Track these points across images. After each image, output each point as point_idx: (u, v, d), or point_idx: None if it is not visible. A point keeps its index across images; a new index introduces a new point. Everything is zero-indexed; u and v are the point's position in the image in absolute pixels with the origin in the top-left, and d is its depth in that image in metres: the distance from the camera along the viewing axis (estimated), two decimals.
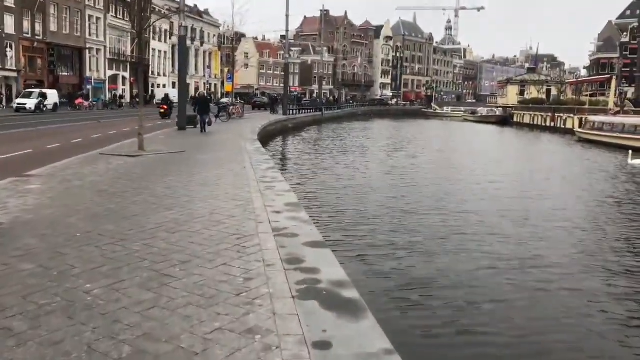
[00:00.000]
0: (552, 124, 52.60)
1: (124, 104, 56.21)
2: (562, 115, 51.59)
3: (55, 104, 41.41)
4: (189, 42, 77.04)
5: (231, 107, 34.48)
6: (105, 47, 58.48)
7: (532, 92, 70.57)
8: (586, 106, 50.21)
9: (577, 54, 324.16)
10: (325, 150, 26.94)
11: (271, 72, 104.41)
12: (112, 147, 15.13)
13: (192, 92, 79.09)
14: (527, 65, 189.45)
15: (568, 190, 17.05)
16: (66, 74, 51.65)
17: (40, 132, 21.83)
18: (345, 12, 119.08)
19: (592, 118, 40.66)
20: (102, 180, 9.18)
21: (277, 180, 9.31)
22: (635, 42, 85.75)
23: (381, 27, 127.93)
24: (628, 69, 77.70)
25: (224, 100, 35.16)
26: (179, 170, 10.53)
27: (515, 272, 8.23)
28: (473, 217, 12.00)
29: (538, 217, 12.28)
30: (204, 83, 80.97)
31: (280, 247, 4.92)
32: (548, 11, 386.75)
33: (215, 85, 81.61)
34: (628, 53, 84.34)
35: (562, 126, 50.03)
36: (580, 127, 42.15)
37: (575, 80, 69.32)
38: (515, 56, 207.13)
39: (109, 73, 59.49)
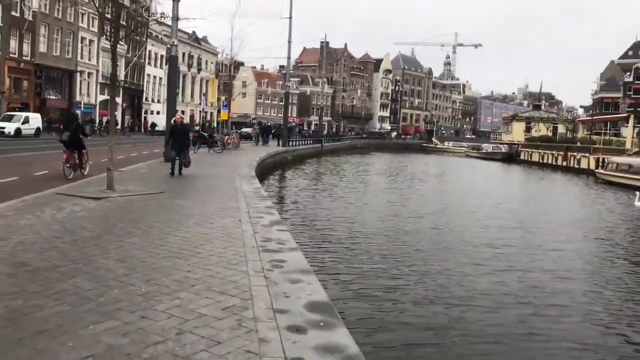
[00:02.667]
0: (565, 163, 50.02)
1: (118, 131, 53.53)
2: (575, 154, 49.06)
3: (38, 129, 38.69)
4: (185, 69, 75.11)
5: (226, 137, 31.82)
6: (97, 70, 56.12)
7: (541, 130, 68.24)
8: (603, 145, 47.73)
9: (572, 92, 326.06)
10: (334, 192, 23.85)
11: (269, 101, 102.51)
12: (77, 183, 12.30)
13: (187, 120, 76.99)
14: (525, 102, 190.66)
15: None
16: (54, 97, 49.05)
17: (6, 160, 18.99)
18: (345, 44, 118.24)
19: (615, 159, 38.04)
20: (33, 242, 6.31)
21: (287, 248, 6.47)
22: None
23: (381, 60, 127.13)
24: (632, 109, 76.33)
25: (216, 135, 31.78)
26: (148, 225, 7.67)
27: None
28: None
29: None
30: (200, 111, 78.59)
31: None
32: (543, 51, 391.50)
33: (211, 113, 79.25)
34: (632, 93, 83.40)
35: (576, 166, 47.36)
36: (601, 167, 39.52)
37: (589, 118, 66.80)
38: (513, 93, 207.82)
39: (100, 97, 56.95)
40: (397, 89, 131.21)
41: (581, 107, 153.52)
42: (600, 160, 42.86)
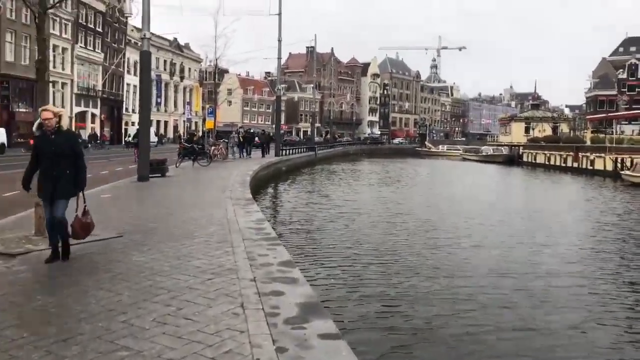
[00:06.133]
0: (576, 165, 46.86)
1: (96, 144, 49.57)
2: (588, 154, 45.92)
3: (3, 145, 34.88)
4: (167, 77, 71.28)
5: (212, 148, 28.25)
6: (72, 80, 52.20)
7: (546, 130, 65.33)
8: (623, 145, 44.66)
9: (556, 92, 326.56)
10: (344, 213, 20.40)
11: (255, 109, 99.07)
12: (5, 221, 8.73)
13: (170, 130, 73.06)
14: (513, 103, 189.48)
15: None
16: (24, 110, 45.02)
17: None
18: (332, 49, 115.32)
19: None
20: None
21: None
22: (635, 78, 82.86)
23: (368, 64, 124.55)
24: (627, 106, 74.29)
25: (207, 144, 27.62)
26: (75, 321, 4.14)
27: None
28: None
29: None
30: (184, 121, 74.78)
31: None
32: (525, 51, 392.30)
33: (196, 122, 75.48)
34: (626, 90, 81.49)
35: (589, 167, 44.20)
36: (627, 169, 36.39)
37: (603, 115, 63.65)
38: (500, 94, 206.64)
39: (77, 109, 53.00)
40: (385, 92, 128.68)
41: (566, 106, 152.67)
42: (619, 160, 39.93)
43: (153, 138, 52.75)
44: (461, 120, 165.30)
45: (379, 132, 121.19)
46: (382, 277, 9.68)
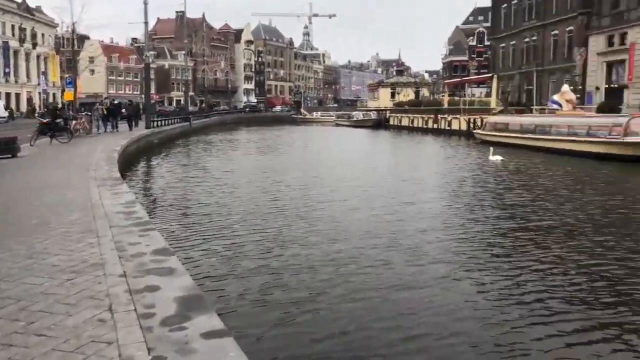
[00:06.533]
0: (436, 126, 50.30)
1: None
2: (446, 116, 49.37)
3: None
4: (16, 44, 64.11)
5: (74, 122, 25.88)
6: None
7: (409, 94, 69.06)
8: (474, 106, 48.52)
9: (417, 58, 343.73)
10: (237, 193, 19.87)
11: (122, 78, 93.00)
12: None
13: (24, 104, 66.22)
14: (379, 70, 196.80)
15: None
16: None
17: None
18: (203, 14, 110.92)
19: (493, 119, 38.13)
20: None
21: None
22: (482, 45, 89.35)
23: (241, 30, 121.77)
24: (477, 70, 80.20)
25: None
26: None
27: None
28: None
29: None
30: (39, 92, 68.09)
31: None
32: (390, 20, 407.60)
33: (54, 94, 69.12)
34: (476, 56, 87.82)
35: (447, 127, 47.76)
36: (479, 128, 39.53)
37: (457, 80, 68.54)
38: (368, 61, 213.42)
39: None
40: (260, 60, 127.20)
41: (426, 71, 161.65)
42: (472, 120, 43.29)
43: (2, 113, 47.45)
44: (333, 87, 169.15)
45: (255, 100, 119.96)
46: (265, 250, 9.40)
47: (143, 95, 47.94)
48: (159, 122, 37.66)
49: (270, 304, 6.86)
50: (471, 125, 43.03)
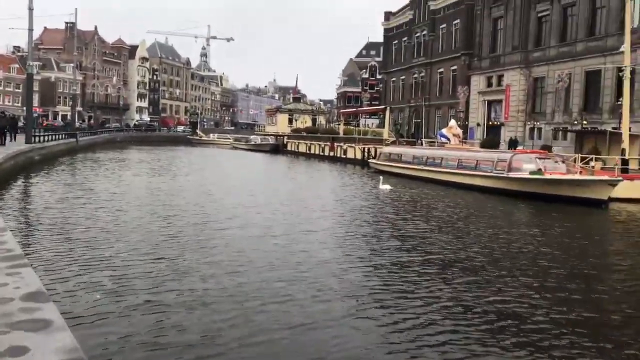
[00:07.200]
0: (332, 154, 51.20)
1: None
2: (342, 144, 50.44)
3: None
4: None
5: None
6: None
7: (306, 121, 70.13)
8: (368, 136, 50.08)
9: (314, 86, 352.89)
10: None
11: (1, 88, 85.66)
12: None
13: None
14: (277, 95, 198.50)
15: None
16: None
17: None
18: (95, 27, 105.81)
19: (386, 149, 39.36)
20: None
21: None
22: (374, 78, 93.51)
23: (136, 47, 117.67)
24: (369, 102, 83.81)
25: None
26: None
27: None
28: None
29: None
30: None
31: None
32: (287, 47, 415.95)
33: None
34: (368, 88, 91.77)
35: (343, 156, 48.75)
36: (373, 157, 40.64)
37: (352, 110, 70.79)
38: (265, 86, 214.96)
39: None
40: (155, 78, 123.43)
41: (321, 100, 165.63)
42: (367, 150, 44.62)
43: None
44: (230, 110, 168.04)
45: (149, 119, 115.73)
46: (157, 284, 8.65)
47: (25, 108, 44.22)
48: (42, 138, 34.80)
49: (160, 349, 6.16)
50: (366, 154, 44.24)
